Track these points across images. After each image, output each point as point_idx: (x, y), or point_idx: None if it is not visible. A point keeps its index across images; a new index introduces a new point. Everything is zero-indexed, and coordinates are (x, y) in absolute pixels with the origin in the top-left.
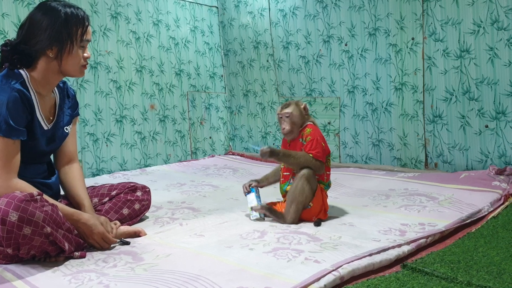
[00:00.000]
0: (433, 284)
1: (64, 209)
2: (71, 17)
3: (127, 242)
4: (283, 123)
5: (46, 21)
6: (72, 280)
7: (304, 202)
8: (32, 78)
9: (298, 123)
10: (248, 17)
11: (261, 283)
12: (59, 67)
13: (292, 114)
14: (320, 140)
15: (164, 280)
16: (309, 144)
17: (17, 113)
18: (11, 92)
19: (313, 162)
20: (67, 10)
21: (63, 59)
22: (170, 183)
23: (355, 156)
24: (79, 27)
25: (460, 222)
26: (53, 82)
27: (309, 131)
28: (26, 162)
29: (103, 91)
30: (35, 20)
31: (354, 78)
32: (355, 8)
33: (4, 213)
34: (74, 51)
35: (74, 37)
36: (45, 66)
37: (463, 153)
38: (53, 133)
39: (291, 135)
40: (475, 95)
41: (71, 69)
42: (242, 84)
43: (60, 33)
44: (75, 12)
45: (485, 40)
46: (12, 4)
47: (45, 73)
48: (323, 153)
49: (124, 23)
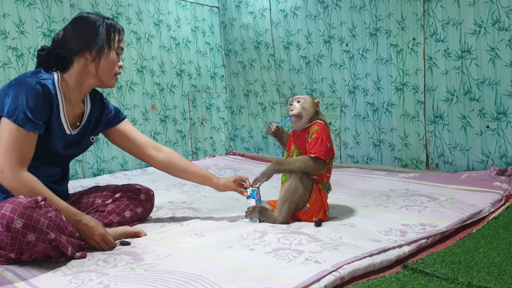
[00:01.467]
0: (433, 284)
1: (68, 209)
2: (110, 26)
3: (127, 243)
4: (293, 106)
5: (84, 27)
6: (72, 280)
7: (297, 202)
8: (63, 80)
9: (308, 111)
10: (249, 17)
11: (261, 283)
12: (96, 70)
13: (304, 100)
14: (325, 140)
15: (164, 280)
16: (313, 141)
17: (37, 106)
18: (35, 85)
19: (312, 163)
20: (105, 20)
21: (101, 62)
22: (170, 183)
23: (356, 157)
24: (116, 33)
25: (461, 222)
26: (86, 88)
27: (316, 128)
28: (38, 161)
29: (104, 91)
30: (74, 27)
31: (355, 79)
32: (356, 8)
33: (9, 220)
34: (111, 55)
35: (112, 42)
36: (81, 69)
37: (464, 154)
38: (76, 140)
39: (299, 120)
40: (476, 96)
41: (106, 75)
42: (243, 84)
43: (99, 38)
44: (113, 23)
45: (486, 41)
46: (14, 4)
47: (78, 77)
48: (326, 153)
49: (125, 23)
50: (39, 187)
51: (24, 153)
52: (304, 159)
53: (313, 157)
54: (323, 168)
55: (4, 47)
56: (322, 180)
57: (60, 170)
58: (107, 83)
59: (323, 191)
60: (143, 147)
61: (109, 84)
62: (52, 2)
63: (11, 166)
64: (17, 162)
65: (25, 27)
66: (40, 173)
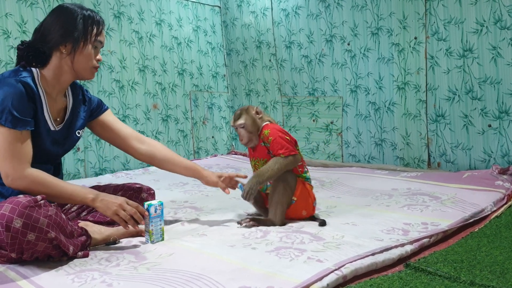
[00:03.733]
0: (436, 283)
1: (81, 191)
2: (87, 18)
3: (113, 243)
4: (240, 135)
5: (62, 19)
6: (75, 279)
7: (287, 202)
8: (43, 76)
9: (254, 130)
10: (251, 16)
11: (263, 282)
12: (71, 64)
13: (246, 124)
14: (282, 136)
15: (167, 279)
16: (273, 145)
17: (22, 105)
18: (16, 84)
19: (286, 161)
20: (83, 11)
21: (76, 55)
22: (172, 183)
23: (358, 156)
24: (94, 27)
25: (463, 221)
26: (64, 82)
27: (267, 132)
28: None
29: (106, 91)
30: (51, 19)
31: (357, 78)
32: (357, 8)
33: (9, 220)
34: (87, 49)
35: (89, 35)
36: (58, 63)
37: (466, 153)
38: (62, 136)
39: (251, 143)
40: (478, 95)
41: (82, 68)
42: (244, 84)
43: (75, 30)
44: (91, 14)
45: (488, 40)
46: (16, 4)
47: (56, 71)
48: (290, 146)
49: (127, 22)
50: (48, 178)
51: (23, 153)
52: (277, 160)
53: (285, 157)
54: (297, 160)
55: (6, 46)
56: (296, 172)
57: (52, 167)
58: (84, 76)
59: (306, 182)
60: (126, 138)
61: (86, 77)
62: (54, 2)
63: (14, 168)
64: (18, 163)
65: (27, 26)
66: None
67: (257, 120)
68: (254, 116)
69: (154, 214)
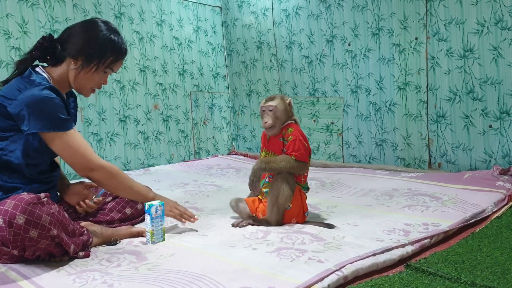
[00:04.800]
0: (437, 284)
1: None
2: (111, 42)
3: (114, 243)
4: (266, 116)
5: (86, 34)
6: (76, 279)
7: (285, 204)
8: (52, 78)
9: (281, 118)
10: (251, 17)
11: (264, 282)
12: (74, 79)
13: (277, 108)
14: (302, 140)
15: (168, 280)
16: (291, 144)
17: (61, 107)
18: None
19: (296, 164)
20: (111, 36)
21: (81, 73)
22: (173, 183)
23: (359, 156)
24: (113, 55)
25: (464, 222)
26: (65, 88)
27: (291, 130)
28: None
29: (106, 91)
30: (79, 30)
31: (358, 78)
32: (358, 8)
33: (11, 216)
34: (94, 73)
35: (103, 62)
36: (65, 70)
37: (466, 153)
38: None
39: (272, 130)
40: (479, 95)
41: (82, 87)
42: (245, 84)
43: (92, 51)
44: (117, 41)
45: (489, 40)
46: (16, 4)
47: (63, 76)
48: (306, 153)
49: (128, 23)
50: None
51: (89, 145)
52: (287, 159)
53: (296, 160)
54: (305, 169)
55: (7, 47)
56: (299, 181)
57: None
58: (80, 92)
59: (302, 192)
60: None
61: (83, 94)
62: (55, 2)
63: (90, 160)
64: (92, 154)
65: (28, 27)
66: (36, 171)
67: (288, 111)
68: (287, 105)
69: (155, 214)
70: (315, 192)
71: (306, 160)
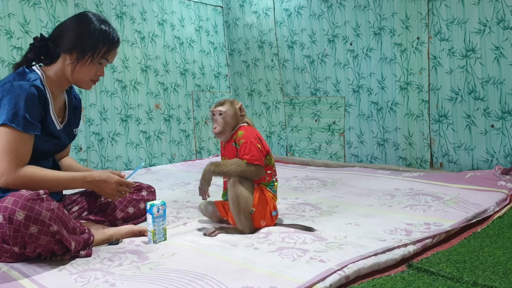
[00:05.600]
0: (438, 284)
1: (75, 177)
2: (102, 33)
3: (116, 243)
4: (215, 121)
5: (78, 27)
6: (78, 278)
7: (246, 207)
8: (47, 77)
9: (230, 123)
10: (253, 16)
11: (266, 282)
12: (71, 73)
13: (226, 113)
14: (254, 142)
15: (170, 279)
16: (242, 147)
17: (34, 109)
18: (29, 88)
19: (248, 168)
20: (102, 26)
21: (77, 67)
22: (175, 183)
23: (360, 156)
24: (106, 45)
25: (465, 222)
26: (63, 84)
27: (241, 133)
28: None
29: (108, 91)
30: (70, 24)
31: (359, 78)
32: (360, 8)
33: (11, 212)
34: (90, 64)
35: (97, 52)
36: (61, 67)
37: (468, 153)
38: (65, 133)
39: (222, 136)
40: (480, 95)
41: (80, 79)
42: (246, 84)
43: (85, 43)
44: (109, 31)
45: (491, 40)
46: (18, 4)
47: (59, 73)
48: (259, 155)
49: (129, 22)
50: (41, 173)
51: (22, 155)
52: (238, 162)
53: (248, 163)
54: (260, 172)
55: (9, 46)
56: (263, 180)
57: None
58: (81, 85)
59: (267, 190)
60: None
61: (82, 87)
62: (57, 2)
63: (9, 168)
64: (15, 163)
65: (29, 26)
66: None
67: (238, 116)
68: (237, 110)
69: (156, 214)
70: (316, 192)
71: (259, 162)
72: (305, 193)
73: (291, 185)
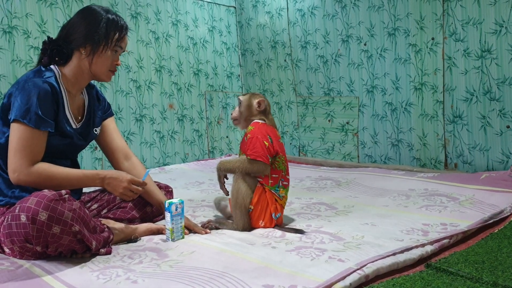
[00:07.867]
0: (458, 283)
1: (87, 175)
2: (111, 22)
3: (135, 240)
4: (235, 108)
5: (86, 20)
6: (100, 275)
7: (244, 203)
8: (64, 75)
9: (244, 114)
10: (266, 17)
11: (286, 280)
12: (89, 66)
13: (242, 103)
14: (260, 139)
15: (190, 277)
16: (247, 143)
17: (47, 106)
18: (42, 85)
19: (249, 164)
20: (108, 15)
21: (94, 58)
22: (189, 182)
23: (374, 156)
24: (117, 32)
25: (482, 222)
26: (82, 82)
27: (250, 129)
28: (50, 157)
29: (123, 91)
30: (77, 19)
31: (373, 78)
32: (374, 8)
33: (34, 212)
34: (106, 53)
35: (110, 40)
36: (77, 63)
37: (483, 154)
38: (82, 133)
39: (238, 123)
40: (496, 96)
41: (99, 71)
42: (259, 84)
43: (96, 33)
44: (116, 19)
45: (508, 40)
46: (36, 4)
47: (75, 71)
48: (263, 152)
49: (144, 23)
50: (53, 170)
51: (35, 152)
52: (242, 159)
53: (250, 159)
54: (264, 169)
55: (26, 46)
56: (266, 183)
57: (70, 162)
58: (100, 78)
59: (271, 192)
60: (114, 150)
61: (103, 79)
62: (73, 2)
63: (22, 165)
64: (27, 160)
65: (46, 26)
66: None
67: (253, 110)
68: (253, 103)
69: (175, 212)
70: (331, 191)
71: (262, 159)
72: (319, 193)
73: (304, 185)
